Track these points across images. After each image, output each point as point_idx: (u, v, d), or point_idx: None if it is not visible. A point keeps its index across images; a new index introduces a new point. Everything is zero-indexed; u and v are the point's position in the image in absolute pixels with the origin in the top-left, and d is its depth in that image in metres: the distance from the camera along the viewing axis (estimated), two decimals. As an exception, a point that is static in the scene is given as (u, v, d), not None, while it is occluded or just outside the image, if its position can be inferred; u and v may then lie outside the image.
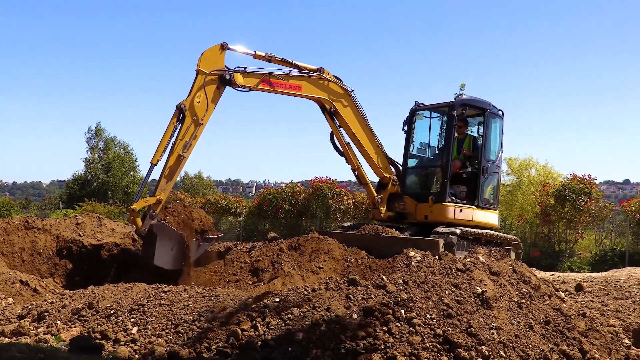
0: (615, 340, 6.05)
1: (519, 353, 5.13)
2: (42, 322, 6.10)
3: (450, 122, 10.58)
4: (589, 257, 20.08)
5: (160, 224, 7.81)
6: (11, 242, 9.17)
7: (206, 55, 8.39)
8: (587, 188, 20.40)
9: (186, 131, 8.10)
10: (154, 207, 7.91)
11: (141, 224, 7.77)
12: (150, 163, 7.98)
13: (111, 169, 37.83)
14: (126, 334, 5.54)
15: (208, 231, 8.62)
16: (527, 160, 27.41)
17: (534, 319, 5.77)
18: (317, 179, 24.77)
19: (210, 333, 5.25)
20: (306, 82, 9.40)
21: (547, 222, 21.05)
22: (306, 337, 4.99)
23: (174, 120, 8.05)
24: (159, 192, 8.02)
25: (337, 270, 7.73)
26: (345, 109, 9.85)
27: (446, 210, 10.18)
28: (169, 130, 8.03)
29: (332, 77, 9.69)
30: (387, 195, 10.61)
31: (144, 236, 7.85)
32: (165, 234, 7.80)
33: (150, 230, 7.73)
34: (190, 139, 8.14)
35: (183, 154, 8.07)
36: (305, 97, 9.53)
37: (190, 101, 8.16)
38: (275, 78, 9.02)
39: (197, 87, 8.25)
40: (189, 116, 8.12)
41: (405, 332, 5.06)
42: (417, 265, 6.21)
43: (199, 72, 8.30)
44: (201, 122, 8.22)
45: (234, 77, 8.50)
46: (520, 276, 6.62)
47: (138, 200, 7.94)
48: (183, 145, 8.05)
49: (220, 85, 8.47)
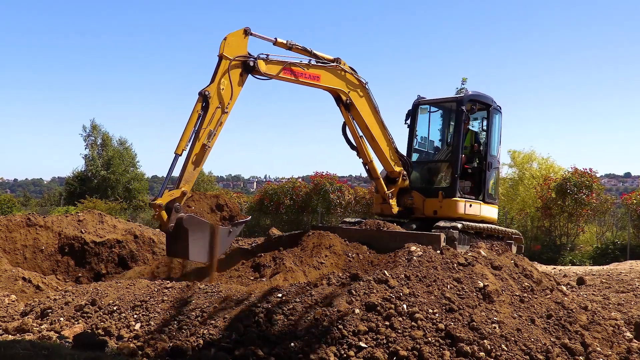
0: (617, 333, 6.06)
1: (521, 347, 5.14)
2: (45, 319, 6.12)
3: (460, 117, 10.53)
4: (591, 251, 20.10)
5: (190, 217, 7.35)
6: (13, 240, 9.20)
7: (229, 40, 7.95)
8: (588, 181, 20.39)
9: (210, 119, 7.67)
10: (179, 200, 7.42)
11: (167, 219, 7.24)
12: (175, 153, 7.50)
13: (111, 166, 37.81)
14: (129, 330, 5.57)
15: (236, 216, 8.24)
16: (530, 154, 27.40)
17: (535, 312, 5.78)
18: (317, 174, 24.77)
19: (213, 329, 5.27)
20: (325, 71, 9.06)
21: (548, 215, 21.06)
22: (309, 333, 5.00)
23: (197, 107, 7.61)
24: (183, 184, 7.52)
25: (339, 265, 7.74)
26: (360, 101, 9.55)
27: (457, 205, 10.16)
28: (192, 119, 7.58)
29: (348, 67, 9.42)
30: (398, 190, 10.44)
31: (171, 232, 7.33)
32: (197, 226, 7.35)
33: (178, 224, 7.26)
34: (215, 128, 7.74)
35: (208, 143, 7.65)
36: (322, 88, 9.21)
37: (215, 88, 7.73)
38: (297, 67, 8.64)
39: (222, 73, 7.82)
40: (213, 103, 7.70)
41: (407, 327, 5.07)
42: (418, 259, 6.21)
43: (223, 57, 7.83)
44: (226, 110, 7.82)
45: (258, 65, 8.09)
46: (521, 270, 6.63)
47: (162, 194, 7.33)
48: (208, 134, 7.64)
49: (243, 72, 8.07)
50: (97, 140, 39.48)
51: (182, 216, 7.28)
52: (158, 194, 7.35)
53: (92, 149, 39.14)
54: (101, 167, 37.80)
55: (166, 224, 7.23)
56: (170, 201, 7.26)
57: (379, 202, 10.66)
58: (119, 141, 40.11)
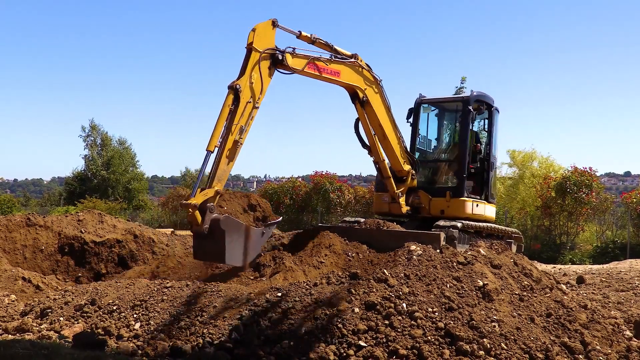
0: (617, 332, 6.07)
1: (521, 345, 5.14)
2: (45, 318, 6.13)
3: (467, 117, 10.52)
4: (590, 250, 20.11)
5: (227, 219, 6.88)
6: (13, 240, 9.20)
7: (259, 31, 7.53)
8: (588, 180, 20.40)
9: (242, 114, 7.28)
10: (212, 200, 6.93)
11: (200, 220, 6.70)
12: (207, 150, 7.02)
13: (111, 166, 37.82)
14: (129, 329, 5.57)
15: (268, 216, 7.87)
16: (530, 153, 27.42)
17: (535, 311, 5.79)
18: (317, 173, 24.79)
19: (213, 328, 5.27)
20: (345, 67, 8.78)
21: (548, 214, 21.07)
22: (308, 332, 5.01)
23: (228, 102, 7.19)
24: (216, 182, 7.04)
25: (339, 264, 7.73)
26: (375, 98, 9.29)
27: (465, 205, 10.16)
28: (224, 114, 7.13)
29: (364, 64, 9.20)
30: (407, 189, 10.27)
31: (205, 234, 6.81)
32: (234, 228, 6.89)
33: (214, 226, 6.75)
34: (246, 123, 7.35)
35: (240, 140, 7.25)
36: (341, 84, 8.95)
37: (246, 81, 7.33)
38: (320, 62, 8.30)
39: (252, 65, 7.42)
40: (244, 97, 7.31)
41: (407, 326, 5.07)
42: (418, 258, 6.22)
43: (253, 49, 7.43)
44: (257, 104, 7.44)
45: (286, 58, 7.72)
46: (521, 269, 6.63)
47: (196, 194, 6.81)
48: (239, 130, 7.25)
49: (271, 65, 7.67)
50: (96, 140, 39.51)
51: (219, 217, 6.78)
52: (190, 194, 6.85)
53: (92, 149, 39.15)
54: (101, 167, 37.81)
55: (201, 226, 6.67)
56: (204, 201, 6.79)
57: (387, 201, 10.46)
58: (118, 141, 40.16)
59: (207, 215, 6.71)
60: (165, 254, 9.24)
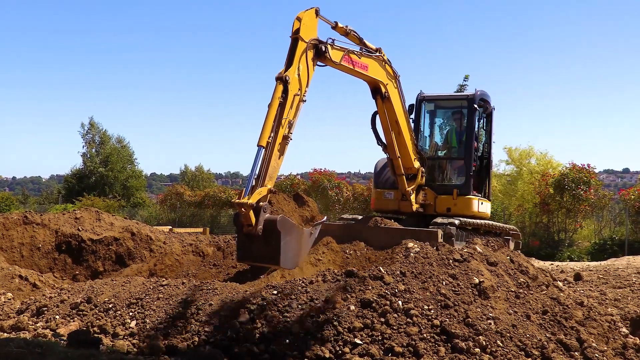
0: (613, 329, 6.08)
1: (516, 343, 5.14)
2: (41, 317, 6.12)
3: (472, 115, 10.54)
4: (588, 247, 20.14)
5: (284, 220, 6.38)
6: (10, 237, 9.18)
7: (305, 20, 7.17)
8: (586, 177, 20.41)
9: (290, 108, 6.91)
10: (264, 199, 6.49)
11: (254, 220, 6.27)
12: (258, 146, 6.61)
13: (109, 163, 37.80)
14: (125, 327, 5.56)
15: (315, 216, 7.53)
16: (528, 150, 27.43)
17: (531, 308, 5.79)
18: (316, 170, 24.78)
19: (209, 326, 5.27)
20: (373, 61, 8.59)
21: (546, 211, 21.09)
22: (304, 329, 5.00)
23: (277, 94, 6.78)
24: (268, 180, 6.60)
25: (336, 262, 7.73)
26: (394, 93, 9.14)
27: (471, 203, 10.19)
28: (274, 107, 6.72)
29: (386, 58, 9.01)
30: (417, 187, 10.17)
31: (258, 235, 6.38)
32: (289, 229, 6.45)
33: (268, 227, 6.30)
34: (295, 117, 7.00)
35: (289, 134, 6.91)
36: (368, 78, 8.73)
37: (294, 72, 6.93)
38: (354, 54, 8.08)
39: (299, 55, 7.03)
40: (292, 89, 6.93)
41: (402, 323, 5.07)
42: (415, 256, 6.21)
43: (300, 39, 7.04)
44: (304, 97, 7.09)
45: (328, 50, 7.40)
46: (517, 266, 6.63)
47: (249, 192, 6.36)
48: (288, 124, 6.89)
49: (314, 57, 7.30)
50: (95, 138, 39.49)
51: (275, 218, 6.30)
52: (244, 192, 6.38)
53: (90, 147, 39.16)
54: (99, 164, 37.80)
55: (255, 227, 6.24)
56: (258, 200, 6.34)
57: (392, 198, 10.40)
58: (117, 139, 40.15)
59: (261, 215, 6.27)
60: (163, 252, 9.22)
